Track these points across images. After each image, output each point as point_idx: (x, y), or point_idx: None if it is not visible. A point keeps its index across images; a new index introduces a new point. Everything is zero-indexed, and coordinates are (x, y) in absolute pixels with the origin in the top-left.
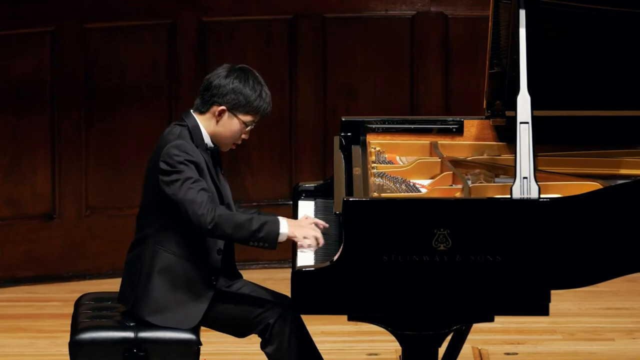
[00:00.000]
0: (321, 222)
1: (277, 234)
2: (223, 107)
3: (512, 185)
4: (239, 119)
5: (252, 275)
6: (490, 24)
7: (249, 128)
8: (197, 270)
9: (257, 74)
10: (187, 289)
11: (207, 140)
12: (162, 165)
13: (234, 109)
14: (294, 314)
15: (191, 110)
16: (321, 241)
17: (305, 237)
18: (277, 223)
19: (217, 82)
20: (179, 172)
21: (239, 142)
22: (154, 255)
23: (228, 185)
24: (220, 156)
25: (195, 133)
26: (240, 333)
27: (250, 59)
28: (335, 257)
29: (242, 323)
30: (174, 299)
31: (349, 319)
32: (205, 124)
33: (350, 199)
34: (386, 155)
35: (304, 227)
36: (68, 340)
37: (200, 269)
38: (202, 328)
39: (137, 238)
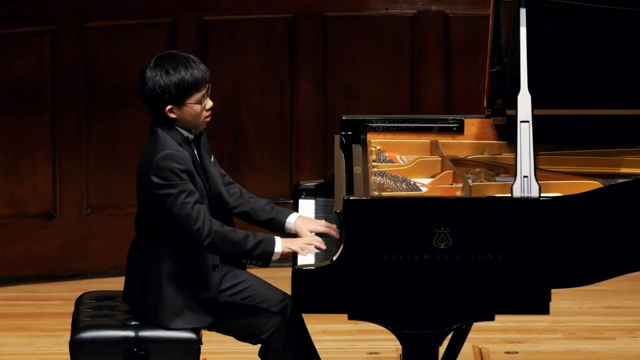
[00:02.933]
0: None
1: (272, 253)
2: (169, 107)
3: (513, 184)
4: (187, 105)
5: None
6: (490, 22)
7: (205, 100)
8: (200, 267)
9: (173, 53)
10: (195, 288)
11: (186, 133)
12: (154, 179)
13: (176, 102)
14: (292, 321)
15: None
16: (322, 246)
17: (301, 247)
18: (273, 242)
19: (147, 91)
20: (172, 186)
21: (208, 114)
22: (158, 261)
23: (219, 169)
24: (206, 141)
25: (173, 133)
26: (239, 339)
27: (251, 59)
28: (336, 256)
29: (240, 332)
30: (186, 300)
31: (350, 318)
32: (173, 123)
33: (351, 198)
34: (387, 154)
35: (296, 240)
36: (69, 339)
37: (202, 261)
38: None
39: (137, 240)
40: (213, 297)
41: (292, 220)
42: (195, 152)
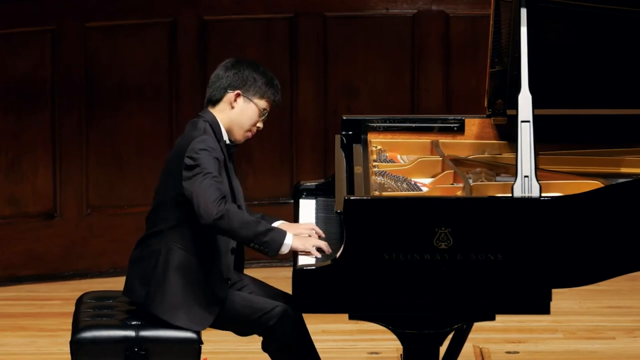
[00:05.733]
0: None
1: (281, 243)
2: (238, 92)
3: (513, 184)
4: (254, 103)
5: (253, 274)
6: (491, 22)
7: (263, 117)
8: (211, 270)
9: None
10: (201, 290)
11: (225, 137)
12: (187, 161)
13: (248, 93)
14: (295, 314)
15: (207, 107)
16: (328, 249)
17: (315, 246)
18: (284, 234)
19: (230, 71)
20: (201, 167)
21: (254, 130)
22: (169, 252)
23: (240, 186)
24: (233, 157)
25: (215, 127)
26: (242, 332)
27: (251, 58)
28: (337, 256)
29: (244, 323)
30: (188, 300)
31: (350, 318)
32: (221, 116)
33: (352, 198)
34: (387, 154)
35: (309, 239)
36: (69, 339)
37: (214, 269)
38: None
39: (148, 233)
40: (218, 306)
41: (276, 225)
42: (227, 159)
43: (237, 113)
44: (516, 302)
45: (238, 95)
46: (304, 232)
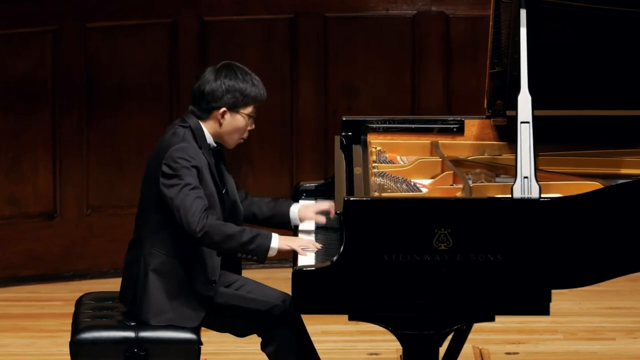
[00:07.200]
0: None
1: (268, 247)
2: (224, 109)
3: (513, 184)
4: (241, 114)
5: (253, 275)
6: (491, 23)
7: (252, 119)
8: (195, 271)
9: (241, 66)
10: (183, 291)
11: (210, 140)
12: (165, 169)
13: (234, 107)
14: (294, 313)
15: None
16: (318, 245)
17: (301, 247)
18: (269, 237)
19: (209, 87)
20: (180, 177)
21: (246, 135)
22: (149, 256)
23: (234, 182)
24: (223, 154)
25: (198, 134)
26: (241, 333)
27: (252, 58)
28: (336, 257)
29: (243, 323)
30: (173, 302)
31: (350, 319)
32: (209, 127)
33: (351, 199)
34: (387, 155)
35: (294, 239)
36: (69, 339)
37: (198, 270)
38: (203, 327)
39: (134, 238)
40: (204, 307)
41: (294, 209)
42: (213, 160)
43: (226, 127)
44: (516, 303)
45: (224, 112)
46: (322, 207)
